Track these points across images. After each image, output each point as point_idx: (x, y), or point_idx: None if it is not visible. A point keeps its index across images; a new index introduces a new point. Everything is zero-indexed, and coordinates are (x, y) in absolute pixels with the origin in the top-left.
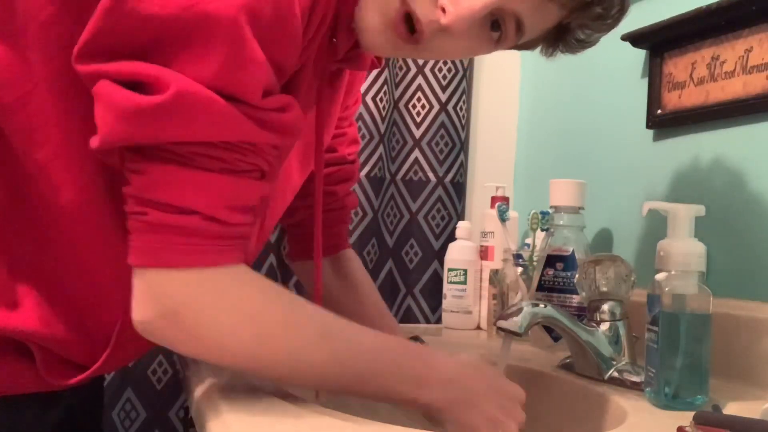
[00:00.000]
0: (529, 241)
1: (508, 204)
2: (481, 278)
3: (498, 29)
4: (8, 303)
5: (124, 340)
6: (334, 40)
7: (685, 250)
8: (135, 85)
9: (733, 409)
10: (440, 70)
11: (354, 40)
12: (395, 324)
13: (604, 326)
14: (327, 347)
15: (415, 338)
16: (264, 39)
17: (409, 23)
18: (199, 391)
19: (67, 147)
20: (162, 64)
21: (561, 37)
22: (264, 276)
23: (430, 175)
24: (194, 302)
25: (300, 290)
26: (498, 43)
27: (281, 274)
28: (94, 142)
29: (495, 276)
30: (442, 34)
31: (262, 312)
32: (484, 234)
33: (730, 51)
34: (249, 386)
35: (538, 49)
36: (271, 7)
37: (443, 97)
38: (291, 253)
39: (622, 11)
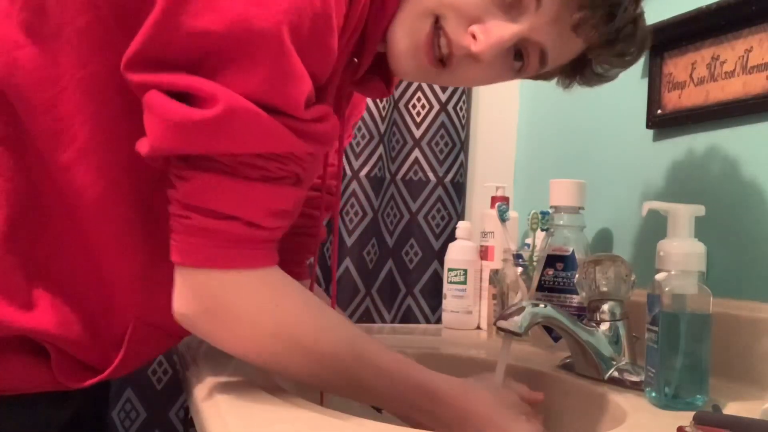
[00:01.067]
0: (529, 241)
1: (508, 204)
2: (481, 278)
3: (521, 59)
4: (24, 304)
5: (136, 344)
6: (355, 60)
7: (685, 250)
8: (183, 96)
9: (733, 409)
10: None
11: (370, 62)
12: None
13: (604, 326)
14: (349, 362)
15: None
16: (304, 51)
17: (437, 49)
18: (198, 390)
19: (93, 149)
20: (210, 77)
21: (580, 70)
22: (293, 279)
23: (430, 175)
24: (233, 302)
25: None
26: (520, 72)
27: None
28: (143, 148)
29: (495, 276)
30: (470, 60)
31: (296, 316)
32: (484, 234)
33: (730, 51)
34: (249, 386)
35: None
36: (311, 19)
37: (443, 97)
38: None
39: (642, 50)
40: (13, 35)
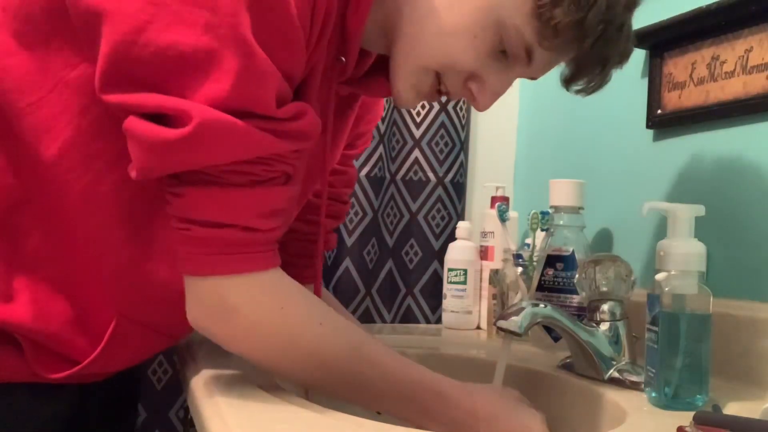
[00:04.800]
0: (529, 241)
1: (508, 204)
2: (481, 278)
3: None
4: (2, 296)
5: (118, 340)
6: (343, 59)
7: (685, 250)
8: (160, 116)
9: (733, 409)
10: None
11: (355, 60)
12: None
13: (604, 326)
14: (355, 365)
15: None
16: (268, 48)
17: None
18: (198, 390)
19: (77, 145)
20: (181, 91)
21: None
22: (296, 281)
23: (430, 175)
24: (239, 306)
25: None
26: None
27: None
28: (132, 173)
29: (495, 276)
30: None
31: (300, 317)
32: (484, 234)
33: (730, 51)
34: (249, 386)
35: None
36: (270, 16)
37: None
38: None
39: (603, 80)
40: (6, 44)
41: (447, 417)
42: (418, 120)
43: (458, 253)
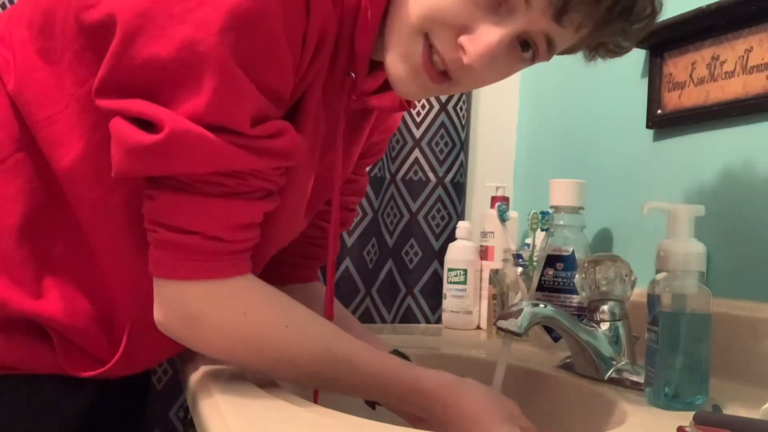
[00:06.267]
0: (529, 241)
1: (508, 204)
2: (481, 278)
3: (529, 48)
4: (34, 292)
5: (134, 346)
6: (353, 74)
7: (685, 250)
8: (144, 121)
9: (733, 409)
10: None
11: (382, 80)
12: (378, 341)
13: (604, 326)
14: (327, 366)
15: (397, 352)
16: (251, 67)
17: (436, 66)
18: (198, 390)
19: (87, 160)
20: (164, 102)
21: (596, 48)
22: (271, 286)
23: (430, 175)
24: (201, 311)
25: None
26: (533, 60)
27: None
28: (112, 171)
29: (495, 276)
30: (468, 70)
31: (264, 324)
32: (484, 234)
33: (730, 51)
34: (249, 386)
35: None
36: (254, 36)
37: (443, 97)
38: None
39: (653, 15)
40: (30, 59)
41: (428, 410)
42: (418, 120)
43: (458, 253)
